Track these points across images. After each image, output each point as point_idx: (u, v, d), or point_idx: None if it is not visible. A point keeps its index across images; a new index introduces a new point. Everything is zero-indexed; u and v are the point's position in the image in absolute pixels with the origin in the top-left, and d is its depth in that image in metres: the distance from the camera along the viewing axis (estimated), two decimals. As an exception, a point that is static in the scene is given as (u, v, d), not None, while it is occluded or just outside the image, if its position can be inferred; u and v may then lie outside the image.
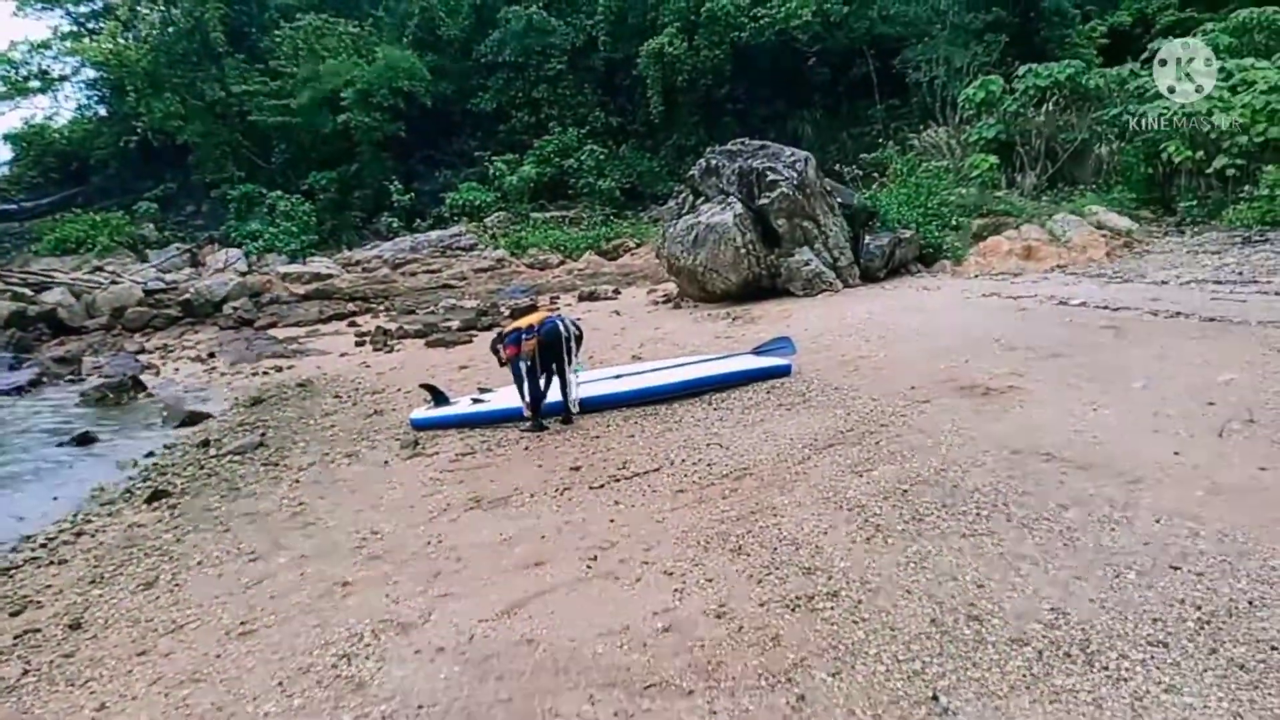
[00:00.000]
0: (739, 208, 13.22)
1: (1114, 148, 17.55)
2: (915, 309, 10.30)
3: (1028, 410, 5.89)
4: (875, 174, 18.86)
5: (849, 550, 4.06)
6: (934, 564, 3.86)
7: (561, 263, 22.25)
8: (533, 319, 7.14)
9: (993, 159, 17.45)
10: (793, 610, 3.59)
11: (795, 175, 13.14)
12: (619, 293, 17.04)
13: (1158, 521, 4.07)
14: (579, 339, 7.06)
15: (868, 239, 13.60)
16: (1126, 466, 4.72)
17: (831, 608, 3.58)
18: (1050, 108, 17.78)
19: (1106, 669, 3.02)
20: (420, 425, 7.50)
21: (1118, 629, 3.25)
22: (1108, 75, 17.91)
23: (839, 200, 13.91)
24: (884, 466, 5.09)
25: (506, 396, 7.66)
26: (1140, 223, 15.34)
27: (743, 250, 12.91)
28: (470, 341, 12.96)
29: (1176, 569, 3.63)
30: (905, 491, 4.67)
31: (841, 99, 27.78)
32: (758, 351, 8.20)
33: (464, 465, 6.34)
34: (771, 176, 13.15)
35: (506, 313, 15.25)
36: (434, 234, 25.37)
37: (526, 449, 6.58)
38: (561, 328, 6.94)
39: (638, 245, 22.53)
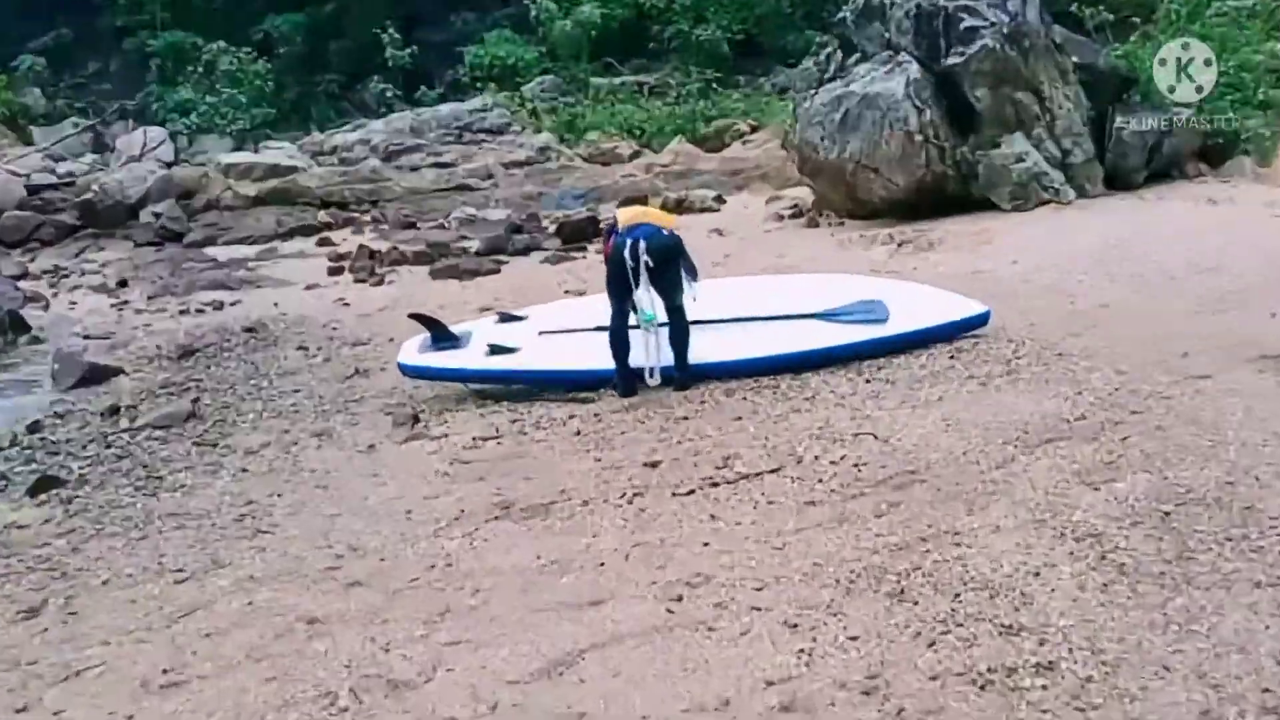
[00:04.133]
0: (914, 70, 12.95)
1: None
2: (1193, 233, 9.98)
3: (1371, 394, 5.70)
4: (1134, 20, 18.14)
5: (1074, 602, 3.97)
6: (1211, 627, 3.75)
7: (636, 155, 22.25)
8: (627, 216, 7.66)
9: (1329, -3, 16.65)
10: (982, 689, 3.53)
11: (1006, 19, 12.77)
12: (724, 201, 16.92)
13: None
14: (657, 269, 7.18)
15: (1120, 121, 13.19)
16: None
17: (1044, 687, 3.50)
18: None
19: None
20: (412, 372, 7.84)
21: None
22: None
23: (1075, 60, 13.47)
24: (1134, 475, 5.01)
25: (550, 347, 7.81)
26: None
27: (918, 137, 12.71)
28: (497, 271, 13.09)
29: None
30: (1167, 515, 4.59)
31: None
32: (828, 316, 7.85)
33: (486, 454, 6.44)
34: (968, 21, 12.83)
35: (551, 225, 15.35)
36: (445, 109, 25.66)
37: (579, 433, 6.63)
38: (626, 248, 7.19)
39: (753, 129, 22.33)
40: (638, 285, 7.16)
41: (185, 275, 14.84)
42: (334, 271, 14.34)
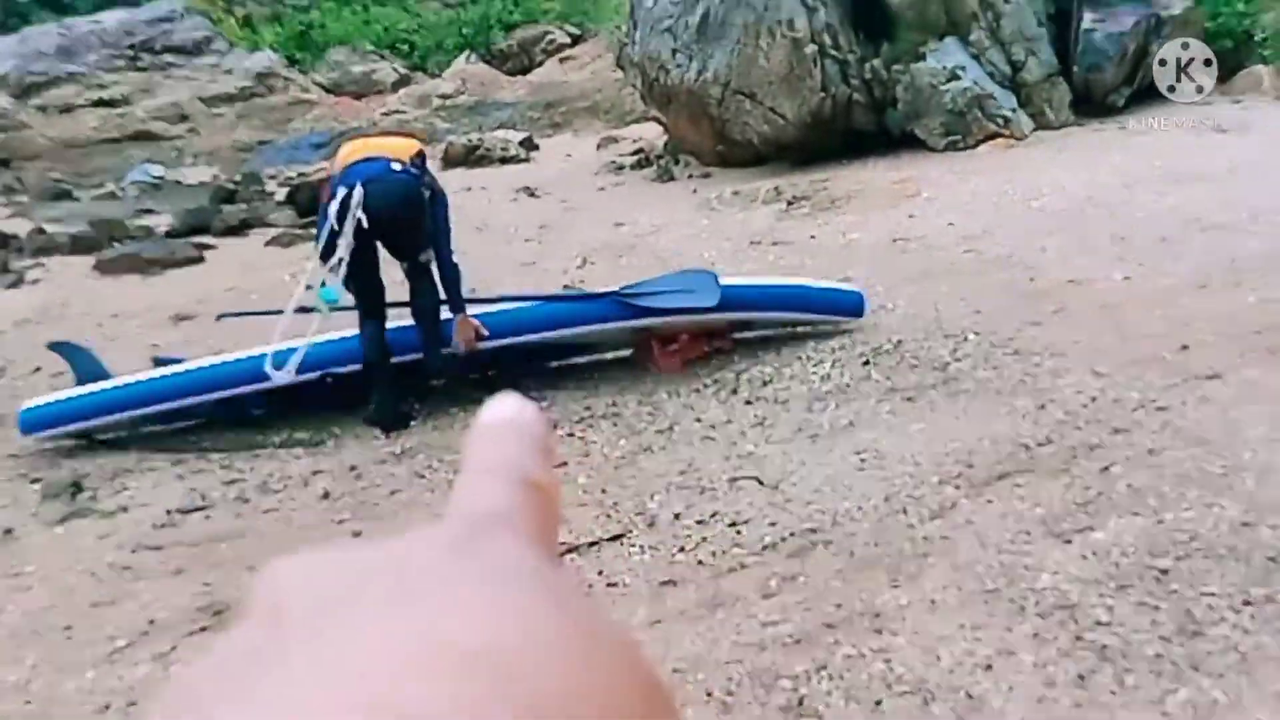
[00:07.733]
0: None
1: None
2: (1193, 176, 9.52)
3: None
4: None
5: (1039, 703, 3.49)
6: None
7: (403, 81, 21.00)
8: (346, 153, 6.37)
9: None
10: None
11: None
12: (535, 146, 16.46)
13: None
14: (386, 232, 6.05)
15: (1089, 20, 12.36)
16: None
17: None
18: None
19: None
20: (35, 425, 6.53)
21: None
22: None
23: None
24: (1118, 520, 4.43)
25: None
26: None
27: (810, 47, 11.82)
28: (200, 260, 12.01)
29: None
30: (1164, 574, 4.03)
31: None
32: (621, 295, 6.82)
33: (186, 534, 5.60)
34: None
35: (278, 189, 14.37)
36: (111, 19, 22.87)
37: (327, 495, 5.79)
38: (335, 203, 5.92)
39: (575, 40, 21.32)
40: (334, 252, 5.93)
41: None
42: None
